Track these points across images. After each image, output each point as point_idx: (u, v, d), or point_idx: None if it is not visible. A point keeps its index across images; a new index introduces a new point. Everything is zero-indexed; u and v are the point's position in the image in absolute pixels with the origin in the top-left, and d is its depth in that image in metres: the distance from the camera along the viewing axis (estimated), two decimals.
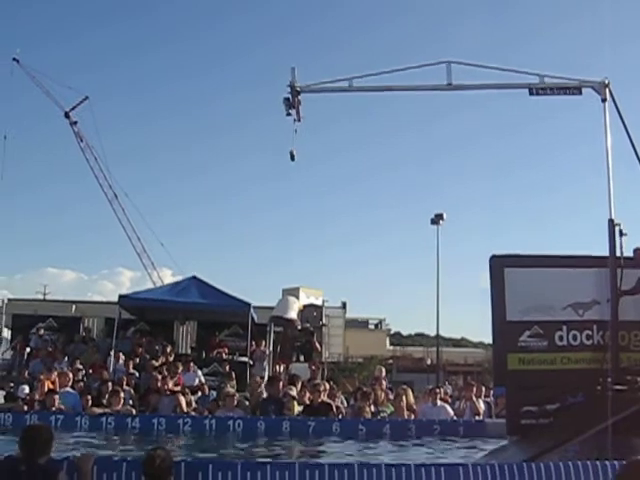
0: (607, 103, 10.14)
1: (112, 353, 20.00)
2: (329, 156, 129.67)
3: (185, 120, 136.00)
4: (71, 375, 15.94)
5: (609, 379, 9.00)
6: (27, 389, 15.73)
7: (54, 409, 13.48)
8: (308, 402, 14.17)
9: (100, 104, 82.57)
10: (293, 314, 23.49)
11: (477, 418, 14.52)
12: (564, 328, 9.53)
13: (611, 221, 9.59)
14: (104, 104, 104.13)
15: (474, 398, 15.35)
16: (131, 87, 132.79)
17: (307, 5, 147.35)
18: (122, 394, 14.65)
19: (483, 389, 16.69)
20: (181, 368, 18.13)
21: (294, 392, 14.61)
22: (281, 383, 15.39)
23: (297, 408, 13.87)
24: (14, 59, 51.53)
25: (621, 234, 9.51)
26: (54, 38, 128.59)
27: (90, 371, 18.63)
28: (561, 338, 9.54)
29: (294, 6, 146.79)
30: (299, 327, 23.51)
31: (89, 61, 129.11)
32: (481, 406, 15.22)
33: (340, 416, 14.04)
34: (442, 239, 45.45)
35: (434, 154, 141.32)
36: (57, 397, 13.97)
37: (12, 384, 17.84)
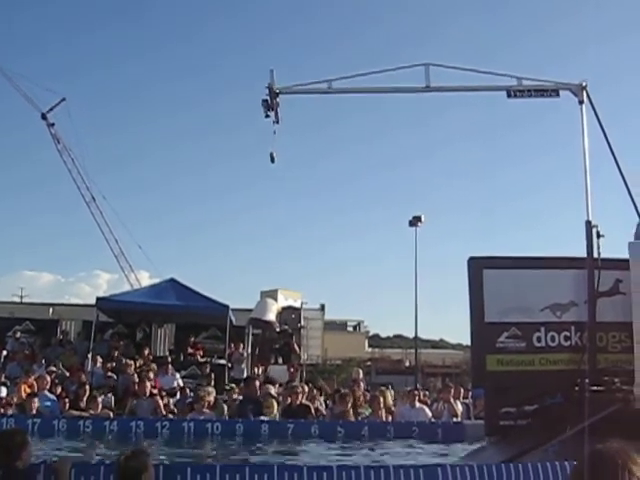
0: (584, 105, 10.20)
1: (89, 356, 19.88)
2: (308, 159, 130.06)
3: (165, 124, 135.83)
4: (49, 378, 15.84)
5: (587, 380, 9.04)
6: (5, 392, 15.61)
7: (34, 412, 13.39)
8: (287, 404, 14.16)
9: (80, 109, 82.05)
10: (271, 316, 23.49)
11: (455, 420, 14.56)
12: (542, 329, 9.58)
13: (588, 223, 9.64)
14: (85, 109, 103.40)
15: (452, 400, 15.38)
16: (113, 92, 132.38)
17: (289, 9, 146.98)
18: (99, 398, 14.59)
19: (462, 391, 16.71)
20: (154, 371, 18.04)
21: (273, 391, 14.60)
22: (257, 382, 15.39)
23: (276, 407, 13.85)
24: None
25: (598, 236, 9.57)
26: (36, 44, 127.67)
27: (67, 374, 18.52)
28: (539, 339, 9.58)
29: (276, 10, 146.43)
30: (277, 329, 23.52)
31: (70, 66, 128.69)
32: (459, 408, 15.26)
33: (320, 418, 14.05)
34: (421, 241, 45.51)
35: (414, 156, 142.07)
36: (36, 400, 13.88)
37: None
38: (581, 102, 10.21)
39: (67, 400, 15.05)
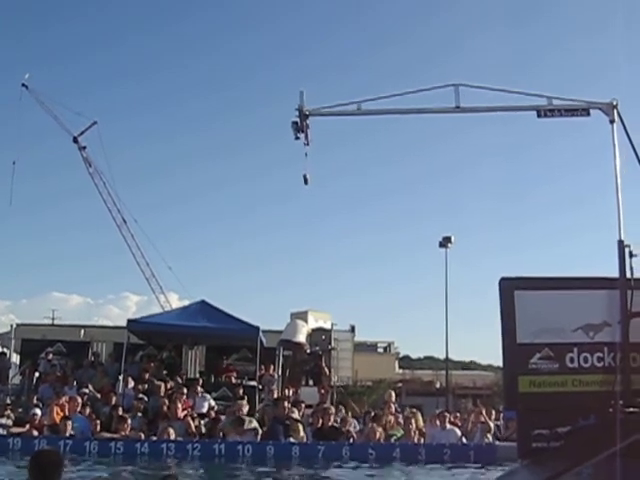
0: (615, 124, 10.14)
1: (121, 378, 19.94)
2: (337, 178, 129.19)
3: (192, 141, 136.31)
4: (80, 400, 15.91)
5: (620, 401, 8.94)
6: (39, 413, 15.72)
7: (68, 435, 13.45)
8: (319, 426, 14.13)
9: (107, 125, 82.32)
10: (302, 338, 23.45)
11: (488, 438, 14.45)
12: (575, 350, 9.48)
13: (621, 242, 9.56)
14: (111, 125, 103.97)
15: (485, 419, 15.30)
16: (138, 108, 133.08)
17: (314, 25, 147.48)
18: (129, 420, 14.63)
19: (493, 412, 16.59)
20: (184, 393, 18.08)
21: (296, 414, 14.57)
22: (286, 404, 15.38)
23: (302, 430, 13.82)
24: (23, 85, 51.48)
25: (631, 255, 9.48)
26: (62, 59, 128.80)
27: (98, 396, 18.59)
28: (572, 360, 9.48)
29: (301, 26, 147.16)
30: (308, 351, 23.47)
31: (96, 81, 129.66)
32: (491, 425, 15.17)
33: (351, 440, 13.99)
34: (451, 262, 45.45)
35: (442, 176, 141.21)
36: (70, 423, 13.94)
37: (20, 409, 17.79)
38: (612, 121, 10.15)
39: (98, 422, 15.10)
